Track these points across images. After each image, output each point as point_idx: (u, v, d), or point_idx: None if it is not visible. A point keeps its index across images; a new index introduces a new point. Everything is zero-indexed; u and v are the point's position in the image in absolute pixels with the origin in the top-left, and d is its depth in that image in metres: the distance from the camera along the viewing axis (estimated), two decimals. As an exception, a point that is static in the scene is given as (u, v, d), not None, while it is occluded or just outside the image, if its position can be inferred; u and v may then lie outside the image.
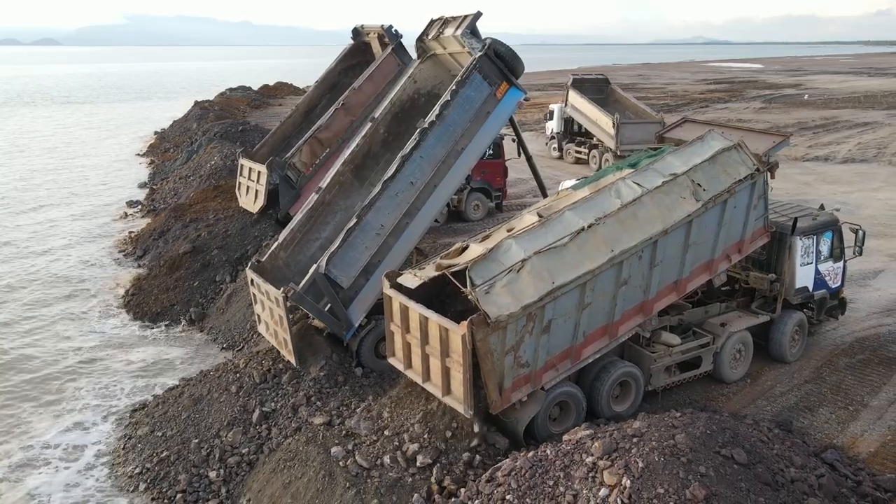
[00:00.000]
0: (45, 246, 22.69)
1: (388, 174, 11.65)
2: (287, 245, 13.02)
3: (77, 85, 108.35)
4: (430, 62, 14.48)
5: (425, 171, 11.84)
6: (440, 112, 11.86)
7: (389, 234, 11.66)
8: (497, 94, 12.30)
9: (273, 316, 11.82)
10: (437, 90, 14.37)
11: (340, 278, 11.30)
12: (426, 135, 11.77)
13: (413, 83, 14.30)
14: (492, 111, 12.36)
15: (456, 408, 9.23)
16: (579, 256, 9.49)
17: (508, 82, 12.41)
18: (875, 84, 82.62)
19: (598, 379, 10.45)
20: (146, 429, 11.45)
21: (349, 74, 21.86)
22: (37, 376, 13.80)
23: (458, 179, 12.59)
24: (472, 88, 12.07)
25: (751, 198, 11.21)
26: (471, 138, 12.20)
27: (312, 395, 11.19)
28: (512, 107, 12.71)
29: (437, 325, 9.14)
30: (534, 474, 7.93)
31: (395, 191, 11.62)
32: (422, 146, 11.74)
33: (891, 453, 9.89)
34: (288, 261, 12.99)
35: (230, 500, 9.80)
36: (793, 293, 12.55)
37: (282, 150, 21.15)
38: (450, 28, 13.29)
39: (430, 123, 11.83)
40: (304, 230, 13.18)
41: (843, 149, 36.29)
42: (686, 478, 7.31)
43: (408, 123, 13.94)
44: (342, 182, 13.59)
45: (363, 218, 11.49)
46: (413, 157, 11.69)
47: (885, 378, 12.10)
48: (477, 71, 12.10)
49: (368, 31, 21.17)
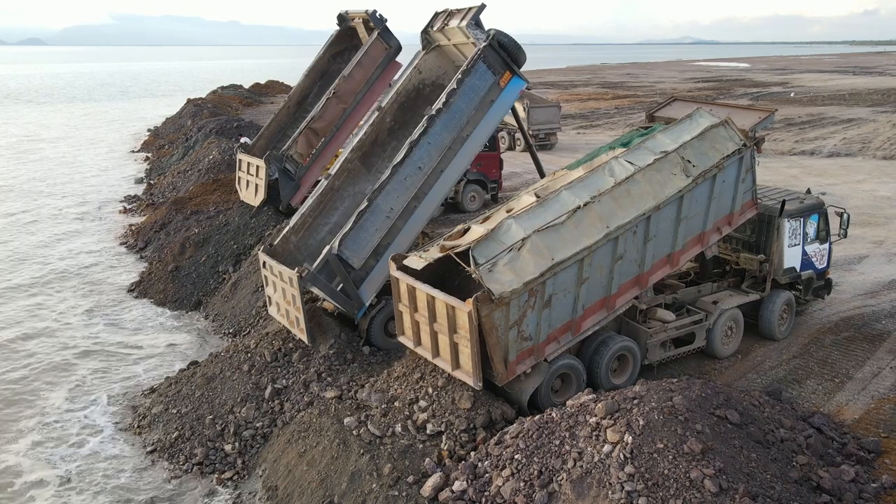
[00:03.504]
0: (45, 241, 22.93)
1: (398, 159, 12.09)
2: (298, 229, 13.46)
3: (64, 84, 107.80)
4: (434, 53, 14.91)
5: (432, 156, 12.30)
6: (447, 100, 12.30)
7: (398, 217, 12.12)
8: (500, 82, 12.75)
9: (286, 296, 12.23)
10: (440, 80, 14.83)
11: (352, 259, 11.73)
12: (433, 121, 12.21)
13: (418, 73, 14.73)
14: (495, 99, 12.81)
15: (465, 381, 9.65)
16: (576, 233, 9.96)
17: (511, 72, 12.87)
18: (860, 82, 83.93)
19: (598, 353, 10.95)
20: (160, 407, 11.80)
21: (338, 60, 22.11)
22: (49, 362, 14.10)
23: (464, 165, 13.06)
24: (477, 77, 12.51)
25: (739, 172, 11.74)
26: (475, 126, 12.67)
27: (323, 372, 11.61)
28: (515, 95, 13.20)
29: (444, 304, 9.56)
30: (541, 435, 8.40)
31: (403, 175, 12.05)
32: (429, 132, 12.18)
33: (874, 420, 10.44)
34: (298, 244, 13.43)
35: (246, 470, 10.21)
36: (781, 273, 13.10)
37: (278, 142, 21.44)
38: (454, 20, 13.74)
39: (437, 111, 12.27)
40: (313, 215, 13.63)
41: (829, 143, 37.09)
42: (684, 434, 7.81)
43: (413, 112, 14.39)
44: (350, 169, 14.03)
45: (374, 201, 11.92)
46: (421, 142, 12.13)
47: (868, 353, 12.69)
48: (482, 61, 12.54)
49: (353, 16, 21.38)
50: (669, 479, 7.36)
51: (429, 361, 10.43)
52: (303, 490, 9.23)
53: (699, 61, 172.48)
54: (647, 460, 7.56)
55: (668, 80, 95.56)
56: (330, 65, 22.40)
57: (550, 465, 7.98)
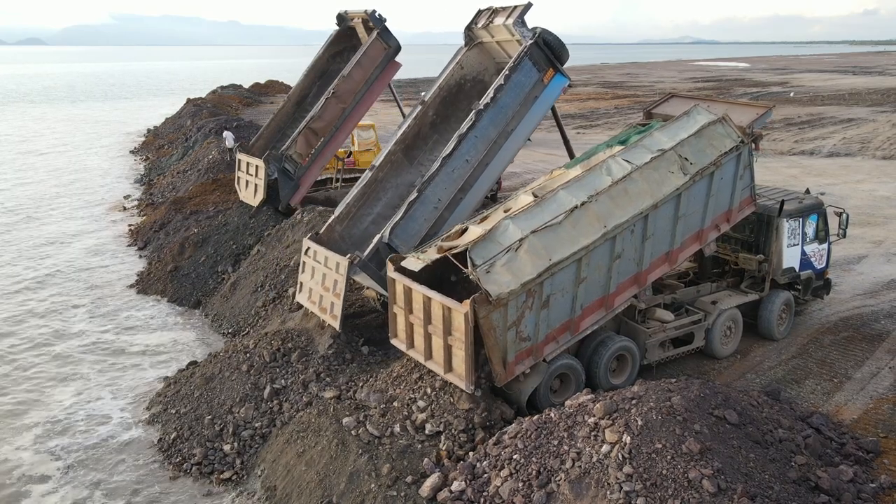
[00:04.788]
0: (45, 240, 22.93)
1: (447, 151, 12.37)
2: (342, 219, 13.76)
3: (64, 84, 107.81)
4: (476, 49, 15.22)
5: (479, 149, 12.61)
6: (494, 95, 12.62)
7: (445, 208, 12.40)
8: (544, 79, 13.17)
9: (325, 282, 12.39)
10: (481, 76, 15.23)
11: (401, 248, 11.93)
12: (481, 116, 12.52)
13: (460, 69, 15.08)
14: (539, 95, 13.21)
15: (457, 384, 9.64)
16: (574, 233, 9.96)
17: (555, 69, 13.27)
18: (860, 82, 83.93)
19: (597, 353, 10.95)
20: (159, 407, 11.82)
21: (337, 60, 22.20)
22: (48, 361, 14.12)
23: (508, 159, 13.38)
24: (523, 74, 12.89)
25: (737, 168, 11.75)
26: (519, 121, 13.06)
27: (322, 372, 11.62)
28: (557, 91, 13.58)
29: (440, 305, 9.56)
30: (539, 435, 8.40)
31: (452, 167, 12.34)
32: (477, 126, 12.50)
33: (873, 420, 10.45)
34: (343, 233, 13.73)
35: (245, 470, 10.21)
36: (780, 273, 13.10)
37: (277, 142, 21.44)
38: (500, 17, 14.09)
39: (484, 105, 12.55)
40: (357, 205, 13.94)
41: (829, 143, 37.10)
42: (682, 434, 7.81)
43: (454, 107, 14.80)
44: (393, 161, 14.35)
45: (423, 192, 12.16)
46: (469, 136, 12.44)
47: (867, 353, 12.69)
48: (528, 58, 12.90)
49: (353, 16, 21.48)
50: (668, 480, 7.36)
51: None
52: (301, 490, 9.23)
53: (699, 61, 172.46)
54: (646, 460, 7.57)
55: (668, 79, 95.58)
56: (329, 65, 22.44)
57: (549, 466, 7.99)
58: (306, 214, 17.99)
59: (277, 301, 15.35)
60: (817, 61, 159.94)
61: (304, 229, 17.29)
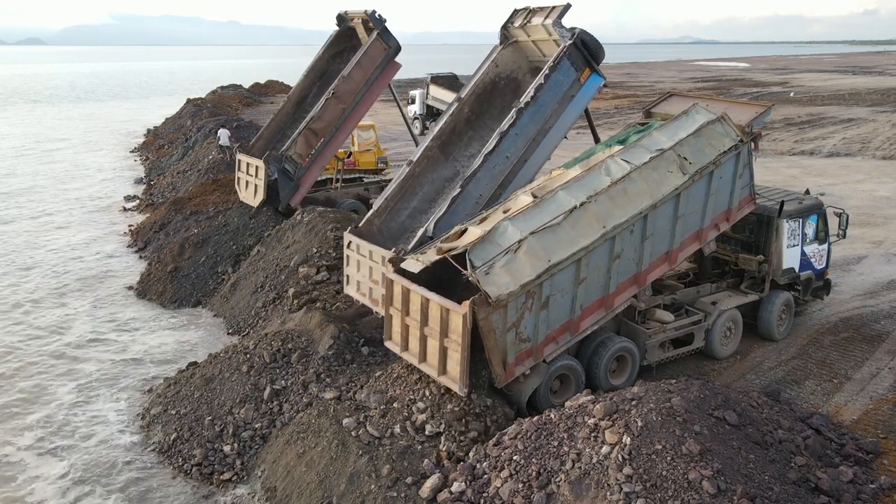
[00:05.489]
0: (44, 240, 22.93)
1: (489, 148, 12.55)
2: (381, 213, 13.93)
3: (63, 84, 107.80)
4: (510, 48, 15.41)
5: (519, 146, 12.81)
6: (534, 94, 12.83)
7: (485, 205, 12.50)
8: (581, 78, 13.42)
9: (372, 275, 12.61)
10: (514, 74, 15.49)
11: None
12: (522, 114, 12.71)
13: (495, 67, 15.28)
14: (575, 95, 13.45)
15: (451, 387, 9.61)
16: (573, 234, 9.96)
17: (591, 68, 13.51)
18: (860, 82, 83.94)
19: (597, 353, 10.95)
20: (159, 408, 11.81)
21: (337, 61, 22.21)
22: (48, 361, 14.12)
23: (545, 156, 13.53)
24: (562, 73, 13.15)
25: (736, 168, 11.75)
26: (557, 119, 13.28)
27: (322, 373, 11.60)
28: (593, 91, 13.81)
29: (439, 306, 9.55)
30: (539, 436, 8.41)
31: (493, 164, 12.51)
32: (518, 124, 12.70)
33: (872, 420, 10.45)
34: (381, 227, 13.88)
35: (245, 471, 10.21)
36: (780, 274, 13.11)
37: (278, 143, 21.43)
38: (537, 17, 14.33)
39: (525, 103, 12.73)
40: (395, 199, 14.11)
41: (829, 143, 37.11)
42: (682, 435, 7.81)
43: (489, 104, 15.06)
44: (430, 157, 14.53)
45: (466, 187, 12.30)
46: (510, 133, 12.63)
47: (867, 354, 12.70)
48: (566, 58, 13.14)
49: (353, 16, 21.51)
50: (668, 481, 7.37)
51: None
52: (302, 491, 9.23)
53: (699, 61, 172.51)
54: (646, 461, 7.57)
55: (668, 79, 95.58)
56: (329, 65, 22.43)
57: (549, 466, 7.99)
58: (306, 215, 17.99)
59: (277, 302, 15.37)
60: (817, 61, 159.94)
61: (304, 230, 17.30)
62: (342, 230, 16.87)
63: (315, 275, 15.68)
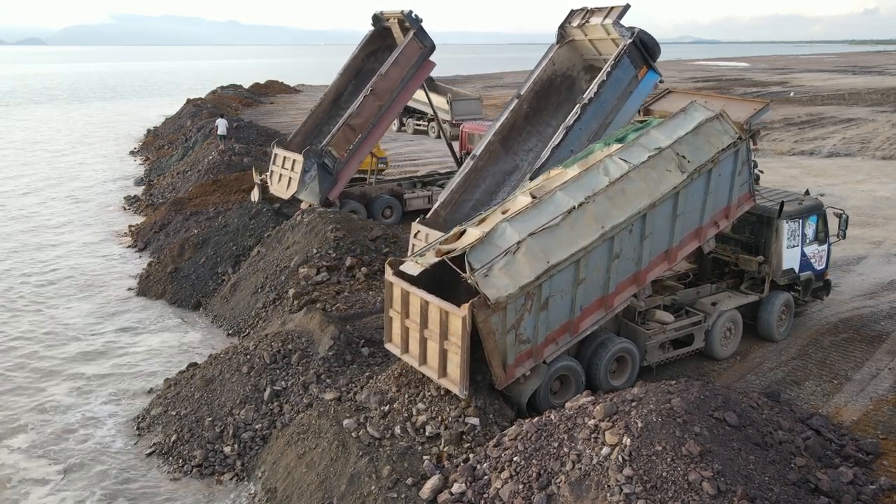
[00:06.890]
0: (45, 242, 22.93)
1: (555, 142, 12.96)
2: (446, 205, 14.38)
3: (63, 84, 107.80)
4: (567, 47, 15.82)
5: (582, 140, 13.24)
6: (598, 90, 13.28)
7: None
8: (639, 75, 14.03)
9: None
10: (570, 72, 16.00)
11: None
12: (586, 109, 13.18)
13: (552, 65, 15.76)
14: (633, 91, 14.04)
15: (451, 389, 9.62)
16: (572, 235, 9.96)
17: (648, 66, 14.08)
18: (859, 82, 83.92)
19: (597, 354, 10.95)
20: (159, 409, 11.81)
21: (372, 60, 22.70)
22: (48, 361, 14.12)
23: None
24: (622, 70, 13.71)
25: (735, 165, 11.74)
26: (616, 113, 13.77)
27: (322, 374, 11.60)
28: (649, 87, 14.42)
29: (438, 309, 9.54)
30: (539, 437, 8.41)
31: (559, 157, 12.80)
32: (582, 119, 13.19)
33: (872, 421, 10.46)
34: (446, 218, 14.28)
35: (245, 472, 10.22)
36: (780, 274, 13.11)
37: (314, 139, 21.85)
38: (596, 17, 14.78)
39: (588, 99, 13.17)
40: (459, 192, 14.55)
41: (829, 143, 37.11)
42: (682, 436, 7.82)
43: (546, 100, 15.57)
44: (492, 151, 14.97)
45: (533, 181, 12.33)
46: (574, 128, 13.08)
47: (867, 354, 12.71)
48: (626, 56, 13.69)
49: (388, 16, 21.95)
50: (668, 482, 7.37)
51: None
52: (302, 492, 9.24)
53: (699, 61, 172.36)
54: (646, 462, 7.58)
55: (668, 79, 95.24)
56: (364, 64, 22.93)
57: (549, 467, 8.00)
58: (306, 216, 18.00)
59: (277, 302, 15.37)
60: (817, 61, 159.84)
61: (304, 230, 17.31)
62: (342, 231, 16.92)
63: (315, 275, 15.70)
